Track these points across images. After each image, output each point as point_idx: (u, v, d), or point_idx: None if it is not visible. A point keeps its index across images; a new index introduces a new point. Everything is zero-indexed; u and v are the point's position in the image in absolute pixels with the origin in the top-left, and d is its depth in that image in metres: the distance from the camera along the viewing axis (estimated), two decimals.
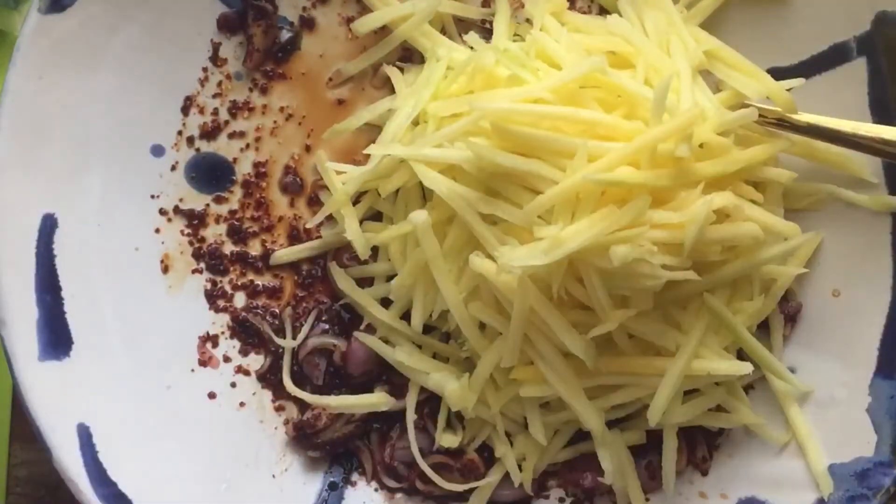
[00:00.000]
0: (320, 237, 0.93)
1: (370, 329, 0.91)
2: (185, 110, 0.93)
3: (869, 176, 0.87)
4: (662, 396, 0.82)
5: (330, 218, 0.91)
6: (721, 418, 0.89)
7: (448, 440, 0.90)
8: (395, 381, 0.92)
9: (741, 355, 0.87)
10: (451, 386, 0.86)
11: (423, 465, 0.89)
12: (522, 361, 0.84)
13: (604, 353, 0.83)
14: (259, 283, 0.94)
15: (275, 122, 0.94)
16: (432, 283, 0.84)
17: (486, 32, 0.91)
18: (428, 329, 0.89)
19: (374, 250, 0.90)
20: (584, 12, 0.93)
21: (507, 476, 0.90)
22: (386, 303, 0.91)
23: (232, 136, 0.94)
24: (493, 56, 0.83)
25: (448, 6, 0.91)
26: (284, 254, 0.93)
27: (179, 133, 0.93)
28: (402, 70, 0.92)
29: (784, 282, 0.88)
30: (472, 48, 0.88)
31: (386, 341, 0.91)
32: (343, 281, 0.91)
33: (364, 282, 0.92)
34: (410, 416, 0.90)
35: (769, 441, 0.89)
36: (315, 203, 0.94)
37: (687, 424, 0.87)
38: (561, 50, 0.85)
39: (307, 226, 0.93)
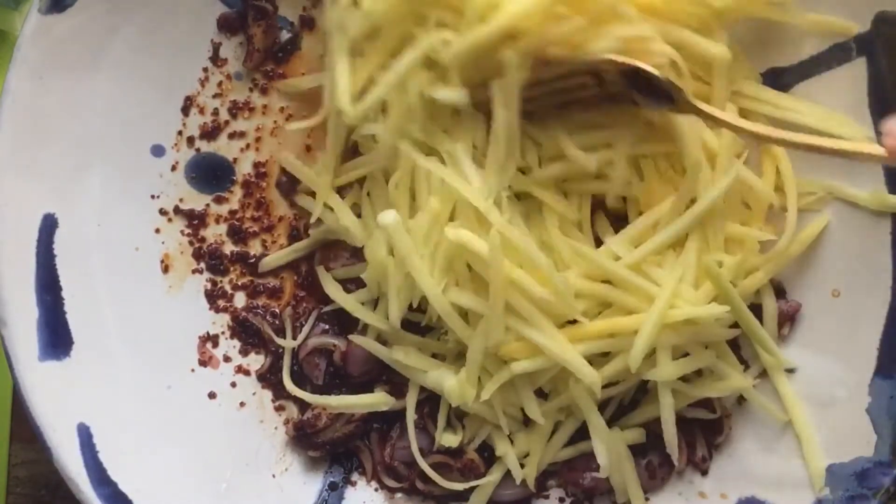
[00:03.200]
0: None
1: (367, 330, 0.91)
2: (186, 110, 0.93)
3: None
4: (642, 338, 0.81)
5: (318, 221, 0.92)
6: (714, 386, 0.87)
7: (448, 440, 0.90)
8: (395, 380, 0.92)
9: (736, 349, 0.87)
10: (449, 382, 0.86)
11: (423, 465, 0.89)
12: (510, 339, 0.83)
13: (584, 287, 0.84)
14: (259, 283, 0.94)
15: (275, 122, 0.94)
16: (405, 276, 0.84)
17: None
18: (427, 329, 0.89)
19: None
20: None
21: (507, 476, 0.90)
22: None
23: (232, 136, 0.94)
24: None
25: None
26: (272, 259, 0.93)
27: (179, 133, 0.93)
28: None
29: (752, 245, 0.87)
30: None
31: (385, 341, 0.90)
32: (329, 285, 0.91)
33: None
34: (410, 416, 0.90)
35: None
36: None
37: (680, 408, 0.87)
38: None
39: (309, 225, 0.93)
